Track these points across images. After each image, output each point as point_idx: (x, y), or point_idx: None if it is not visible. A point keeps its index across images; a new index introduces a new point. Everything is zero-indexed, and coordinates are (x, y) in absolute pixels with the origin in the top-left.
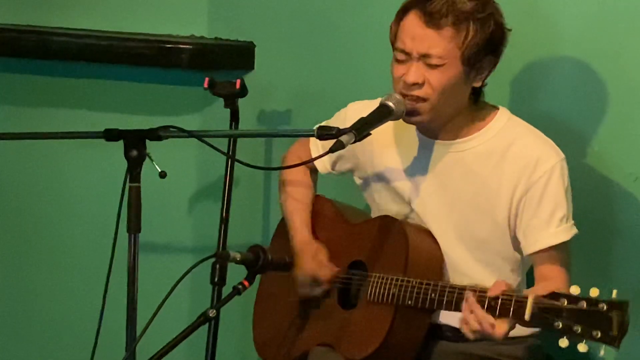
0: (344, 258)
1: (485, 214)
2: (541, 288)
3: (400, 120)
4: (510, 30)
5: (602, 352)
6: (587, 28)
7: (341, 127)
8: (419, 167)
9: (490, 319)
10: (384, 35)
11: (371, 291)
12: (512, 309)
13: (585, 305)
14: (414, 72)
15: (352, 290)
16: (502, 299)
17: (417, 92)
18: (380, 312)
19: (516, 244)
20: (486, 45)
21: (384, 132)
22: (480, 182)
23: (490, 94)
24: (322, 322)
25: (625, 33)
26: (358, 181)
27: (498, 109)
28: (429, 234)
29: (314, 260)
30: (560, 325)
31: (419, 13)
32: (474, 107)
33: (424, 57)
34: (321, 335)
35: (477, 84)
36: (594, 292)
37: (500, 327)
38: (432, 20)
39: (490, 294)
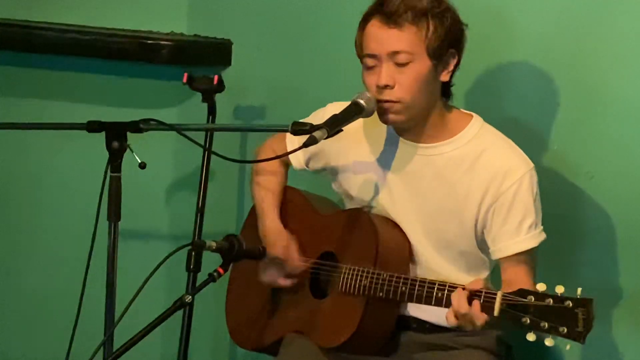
0: (315, 248)
1: (452, 216)
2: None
3: (373, 116)
4: (467, 25)
5: (567, 347)
6: (547, 32)
7: (318, 124)
8: (385, 162)
9: (481, 316)
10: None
11: (342, 282)
12: (481, 305)
13: (551, 302)
14: (384, 73)
15: (323, 280)
16: (472, 295)
17: (389, 96)
18: (351, 302)
19: (482, 246)
20: (448, 38)
21: (356, 128)
22: (449, 186)
23: (454, 96)
24: (294, 309)
25: (582, 37)
26: (330, 177)
27: (472, 116)
28: (395, 225)
29: (284, 250)
30: (528, 321)
31: (378, 17)
32: (447, 110)
33: (392, 56)
34: (293, 322)
35: (445, 78)
36: (560, 289)
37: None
38: (392, 19)
39: (470, 287)
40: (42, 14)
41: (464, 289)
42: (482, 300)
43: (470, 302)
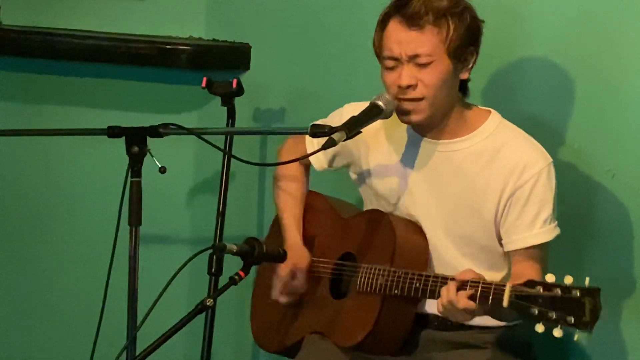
0: (335, 250)
1: (472, 211)
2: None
3: (392, 117)
4: (483, 21)
5: (576, 337)
6: (565, 29)
7: (336, 126)
8: (408, 163)
9: (468, 304)
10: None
11: (360, 281)
12: (491, 297)
13: (559, 292)
14: (406, 74)
15: (343, 280)
16: (481, 287)
17: (412, 94)
18: (368, 301)
19: (501, 240)
20: (467, 37)
21: (377, 129)
22: (468, 181)
23: (471, 94)
24: (314, 311)
25: (602, 34)
26: (353, 176)
27: (490, 112)
28: (415, 226)
29: (293, 266)
30: (536, 312)
31: (399, 18)
32: (466, 107)
33: (413, 58)
34: (314, 323)
35: (465, 76)
36: (568, 280)
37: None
38: (413, 21)
39: (458, 277)
40: (62, 21)
41: (453, 279)
42: (491, 292)
43: (457, 292)
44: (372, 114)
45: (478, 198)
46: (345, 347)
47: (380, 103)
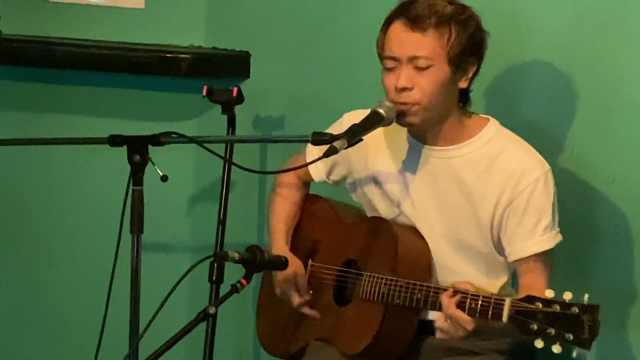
0: (338, 256)
1: (469, 218)
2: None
3: (393, 124)
4: (489, 33)
5: (574, 354)
6: (564, 34)
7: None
8: (408, 169)
9: (467, 321)
10: (375, 43)
11: (363, 289)
12: (490, 311)
13: (558, 309)
14: (404, 76)
15: (347, 287)
16: (481, 301)
17: (408, 98)
18: (371, 310)
19: (498, 249)
20: (469, 46)
21: (377, 136)
22: (465, 188)
23: (472, 100)
24: (319, 317)
25: (601, 39)
26: (350, 186)
27: (489, 120)
28: (417, 233)
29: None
30: (536, 327)
31: (403, 20)
32: (464, 115)
33: (412, 60)
34: (318, 330)
35: (464, 85)
36: (568, 296)
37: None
38: (416, 23)
39: (456, 287)
40: (62, 30)
41: (454, 290)
42: (491, 307)
43: (457, 304)
44: (373, 121)
45: (474, 205)
46: (349, 354)
47: (381, 110)
